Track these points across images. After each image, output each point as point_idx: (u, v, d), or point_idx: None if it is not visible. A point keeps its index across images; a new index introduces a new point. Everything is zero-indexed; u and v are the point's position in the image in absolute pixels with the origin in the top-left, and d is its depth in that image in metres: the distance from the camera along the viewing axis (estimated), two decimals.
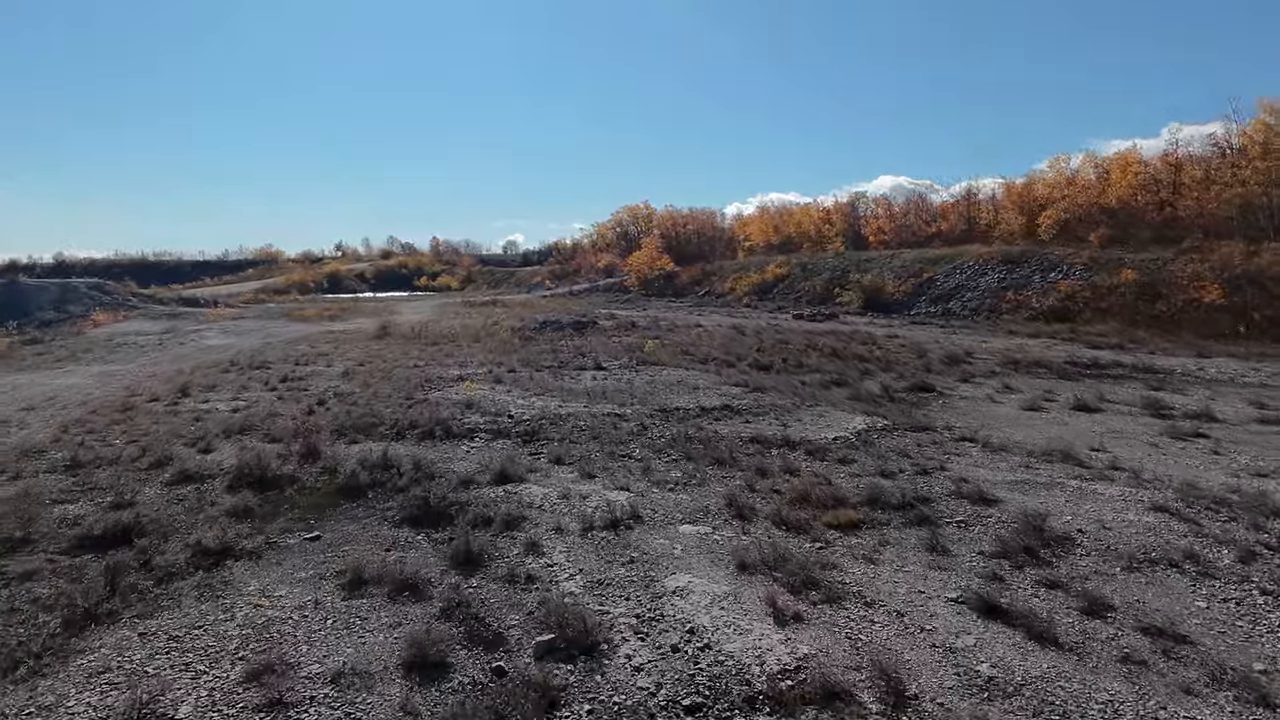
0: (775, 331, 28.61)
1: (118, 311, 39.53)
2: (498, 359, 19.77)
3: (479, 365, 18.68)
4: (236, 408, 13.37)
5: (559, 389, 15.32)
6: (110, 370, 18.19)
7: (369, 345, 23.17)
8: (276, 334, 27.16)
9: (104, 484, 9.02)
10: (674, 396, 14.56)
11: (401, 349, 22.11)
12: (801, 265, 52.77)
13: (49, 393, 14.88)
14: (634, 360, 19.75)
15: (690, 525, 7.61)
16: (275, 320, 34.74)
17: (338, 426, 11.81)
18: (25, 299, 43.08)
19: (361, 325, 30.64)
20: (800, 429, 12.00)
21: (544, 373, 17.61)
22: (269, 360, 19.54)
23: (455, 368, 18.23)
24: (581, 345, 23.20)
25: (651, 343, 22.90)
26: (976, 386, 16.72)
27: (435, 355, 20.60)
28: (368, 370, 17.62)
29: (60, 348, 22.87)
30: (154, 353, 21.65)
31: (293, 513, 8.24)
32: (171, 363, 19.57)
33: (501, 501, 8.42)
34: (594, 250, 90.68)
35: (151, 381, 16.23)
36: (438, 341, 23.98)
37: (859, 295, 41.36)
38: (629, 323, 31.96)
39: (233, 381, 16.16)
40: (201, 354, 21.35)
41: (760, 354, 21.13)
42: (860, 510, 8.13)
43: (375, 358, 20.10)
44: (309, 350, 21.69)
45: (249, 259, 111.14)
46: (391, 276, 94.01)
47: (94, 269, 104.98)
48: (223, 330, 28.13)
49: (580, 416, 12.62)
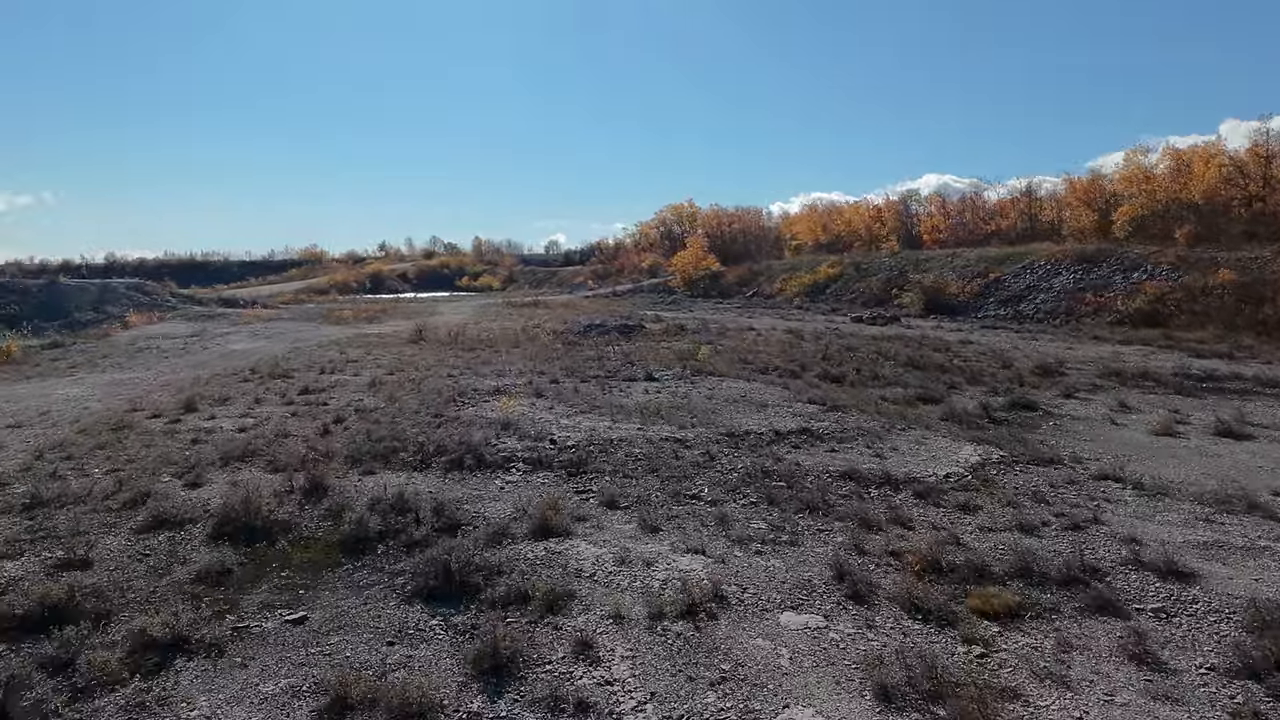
0: (836, 336, 26.48)
1: (153, 313, 38.66)
2: (539, 367, 18.02)
3: (518, 375, 16.95)
4: (244, 426, 11.75)
5: (607, 405, 13.48)
6: (121, 379, 16.78)
7: (402, 351, 21.59)
8: (307, 338, 25.75)
9: (61, 530, 7.37)
10: (740, 415, 12.63)
11: (436, 355, 20.48)
12: (855, 265, 50.37)
13: (44, 406, 13.43)
14: (688, 369, 17.86)
15: (794, 614, 5.67)
16: (310, 322, 33.45)
17: (353, 452, 10.09)
18: (64, 300, 42.52)
19: (398, 328, 29.16)
20: (899, 461, 10.00)
21: (590, 384, 15.80)
22: (293, 368, 18.01)
23: (492, 378, 16.51)
24: (629, 351, 21.36)
25: (705, 349, 20.99)
26: (1085, 403, 14.52)
27: (471, 363, 18.92)
28: (396, 380, 15.97)
29: (80, 352, 21.65)
30: (174, 359, 20.28)
31: (280, 576, 6.50)
32: (189, 370, 18.14)
33: (542, 566, 6.59)
34: (637, 250, 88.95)
35: (159, 393, 14.73)
36: (475, 347, 22.33)
37: (919, 297, 38.93)
38: (677, 326, 30.05)
39: (248, 393, 14.59)
40: (223, 360, 19.93)
41: (827, 363, 19.09)
42: (1013, 587, 6.15)
43: (407, 365, 18.48)
44: (338, 357, 20.15)
45: (294, 259, 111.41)
46: (434, 276, 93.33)
47: (144, 269, 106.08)
48: (253, 334, 26.80)
49: (634, 441, 10.74)
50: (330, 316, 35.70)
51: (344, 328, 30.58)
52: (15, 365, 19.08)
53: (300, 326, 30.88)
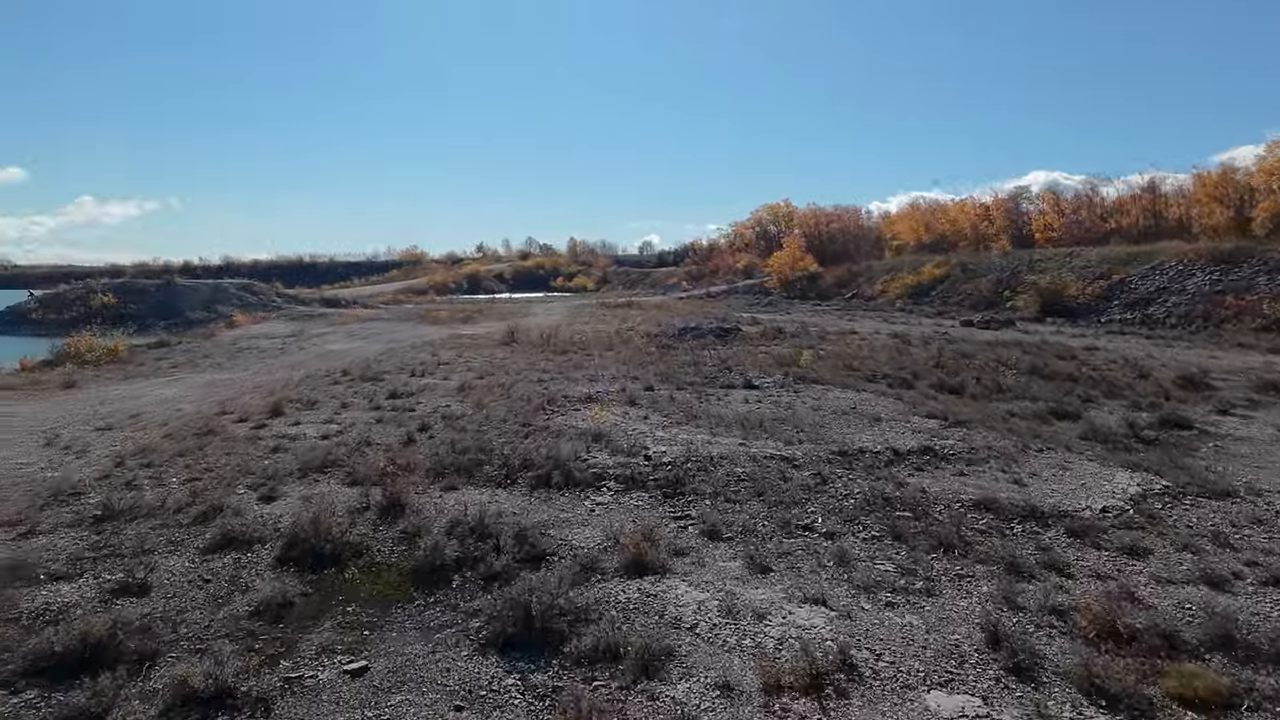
0: (946, 341, 24.80)
1: (258, 313, 39.77)
2: (633, 372, 17.22)
3: (611, 380, 16.19)
4: (327, 433, 11.31)
5: (705, 415, 12.54)
6: (217, 380, 16.80)
7: (494, 353, 21.15)
8: (402, 339, 25.69)
9: (126, 548, 6.92)
10: (852, 430, 11.50)
11: (527, 359, 19.94)
12: (962, 266, 47.89)
13: (137, 408, 13.37)
14: (790, 376, 16.75)
15: (944, 693, 4.60)
16: (406, 323, 33.64)
17: (436, 464, 9.46)
18: (178, 300, 44.24)
19: (491, 329, 28.92)
20: (1043, 489, 8.73)
21: (686, 391, 14.89)
22: (384, 370, 17.73)
23: (584, 383, 15.79)
24: (726, 356, 20.36)
25: (807, 354, 19.81)
26: (1246, 421, 12.79)
27: (563, 366, 18.28)
28: (486, 385, 15.41)
29: (183, 352, 22.03)
30: (272, 359, 20.37)
31: (345, 611, 5.83)
32: (283, 371, 18.08)
33: (636, 611, 5.71)
34: (731, 250, 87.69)
35: (251, 396, 14.55)
36: (567, 350, 21.72)
37: (1035, 299, 36.49)
38: (775, 329, 28.86)
39: (336, 397, 14.26)
40: (318, 361, 19.88)
41: (942, 371, 17.66)
42: (1216, 663, 4.95)
43: (498, 369, 17.97)
44: (429, 359, 19.83)
45: (395, 260, 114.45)
46: (529, 277, 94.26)
47: (256, 270, 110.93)
48: (349, 334, 26.95)
49: (736, 459, 9.77)
50: (426, 317, 35.90)
51: (439, 328, 30.56)
52: (120, 364, 19.46)
53: (396, 327, 31.01)
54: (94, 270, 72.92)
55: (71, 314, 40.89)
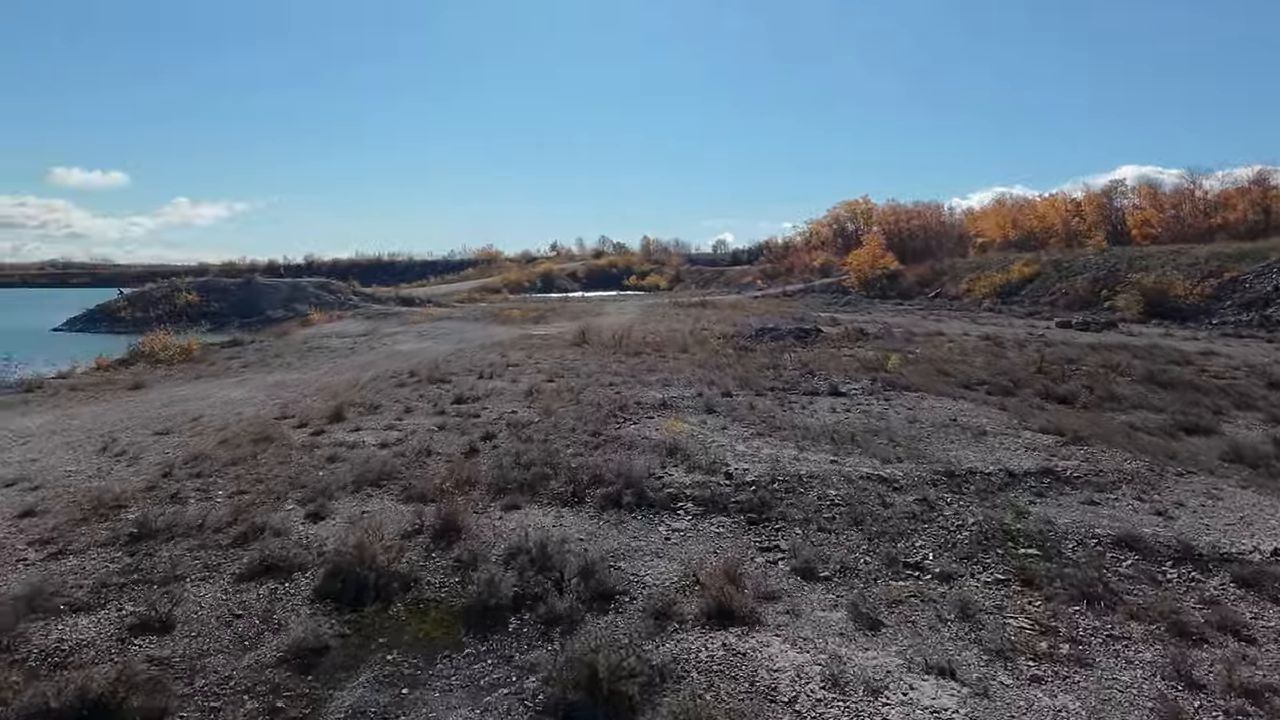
0: (1044, 344, 23.12)
1: (333, 311, 40.09)
2: (709, 376, 16.27)
3: (685, 385, 15.28)
4: (387, 441, 10.67)
5: (790, 426, 11.52)
6: (285, 381, 16.47)
7: (564, 355, 20.45)
8: (472, 338, 25.25)
9: (157, 574, 6.30)
10: (955, 446, 10.33)
11: (599, 360, 19.17)
12: (1054, 264, 45.44)
13: (199, 410, 13.01)
14: (878, 382, 15.56)
15: None
16: (478, 322, 33.32)
17: (498, 479, 8.71)
18: (258, 298, 45.07)
19: (562, 329, 28.31)
20: (1194, 523, 7.46)
21: (767, 398, 13.88)
22: (452, 372, 17.16)
23: (657, 387, 14.92)
24: (808, 360, 19.21)
25: (895, 358, 18.53)
26: None
27: (636, 369, 17.44)
28: (555, 389, 14.67)
29: (255, 351, 21.94)
30: (341, 359, 20.06)
31: (385, 659, 5.06)
32: (351, 372, 17.70)
33: (720, 676, 4.77)
34: (807, 249, 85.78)
35: (314, 398, 14.11)
36: (640, 351, 20.88)
37: (1137, 299, 34.13)
38: (857, 330, 27.50)
39: (400, 400, 13.69)
40: (387, 361, 19.47)
41: (1046, 378, 16.21)
42: None
43: (568, 371, 17.23)
44: (498, 360, 19.23)
45: (470, 259, 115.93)
46: (602, 276, 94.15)
47: (336, 269, 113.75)
48: (420, 334, 26.65)
49: (828, 479, 8.73)
50: (498, 316, 35.55)
51: (509, 328, 30.11)
52: (193, 363, 19.39)
53: (467, 326, 30.69)
54: (183, 269, 75.36)
55: (157, 312, 41.91)
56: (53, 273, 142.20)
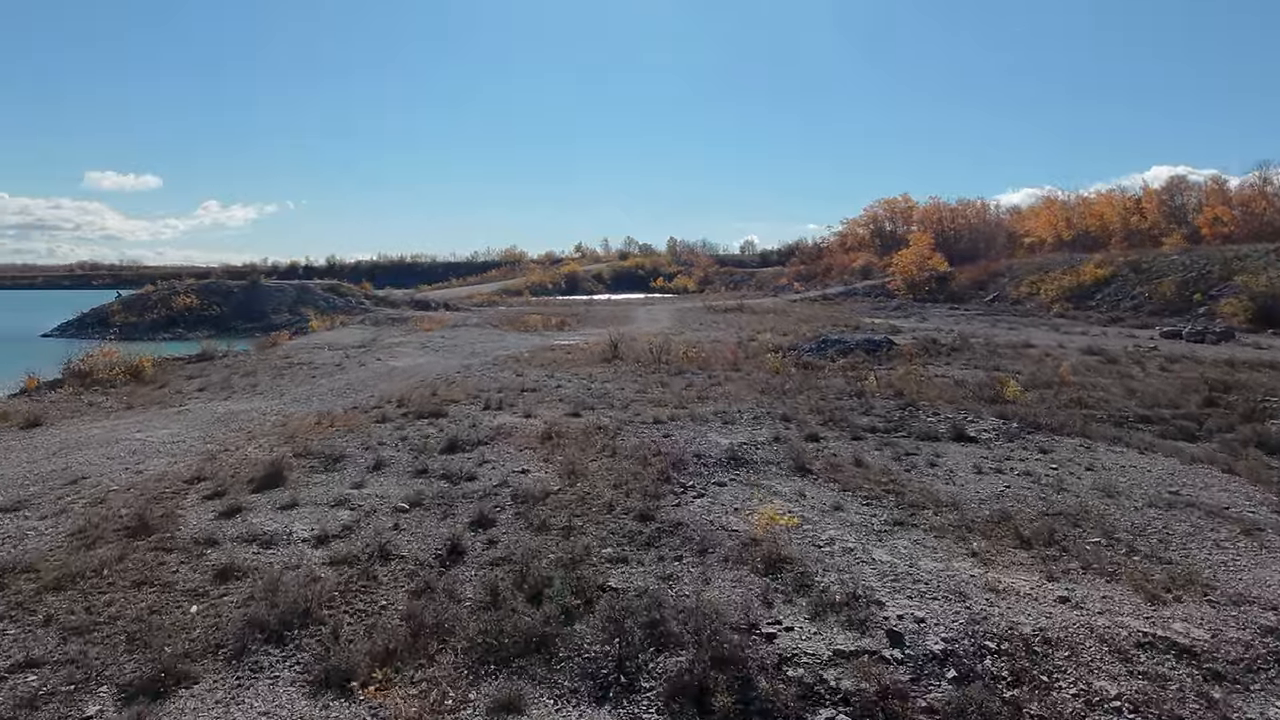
0: (1166, 360, 19.09)
1: (339, 316, 36.68)
2: (778, 406, 12.51)
3: (752, 420, 11.55)
4: (326, 532, 6.97)
5: (933, 502, 7.71)
6: (237, 412, 12.87)
7: (593, 373, 16.75)
8: (484, 351, 21.58)
9: None
10: (1225, 553, 6.47)
11: (636, 381, 15.45)
12: (1131, 265, 41.08)
13: (90, 465, 9.37)
14: (1010, 421, 11.72)
15: None
16: (494, 329, 29.70)
17: (490, 629, 5.01)
18: (262, 302, 41.82)
19: (589, 339, 24.61)
20: None
21: (869, 444, 10.11)
22: (451, 399, 13.52)
23: (717, 426, 11.19)
24: (892, 381, 15.31)
25: (1012, 383, 14.58)
26: None
27: (684, 396, 13.69)
28: (582, 429, 10.96)
29: (224, 368, 18.35)
30: (322, 380, 16.45)
31: None
32: (327, 399, 14.10)
33: None
34: (843, 249, 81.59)
35: (259, 442, 10.49)
36: (684, 369, 17.13)
37: (1245, 304, 29.78)
38: (928, 340, 23.60)
39: (374, 447, 10.05)
40: (375, 383, 15.86)
41: (1232, 413, 12.28)
42: None
43: (599, 399, 13.52)
44: (511, 381, 15.57)
45: (494, 260, 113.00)
46: (628, 277, 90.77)
47: (359, 270, 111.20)
48: (425, 345, 22.94)
49: (1076, 644, 4.89)
50: (517, 322, 31.89)
51: (529, 336, 26.47)
52: (141, 385, 15.85)
53: (481, 335, 27.05)
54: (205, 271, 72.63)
55: (153, 316, 38.92)
56: (77, 274, 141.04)
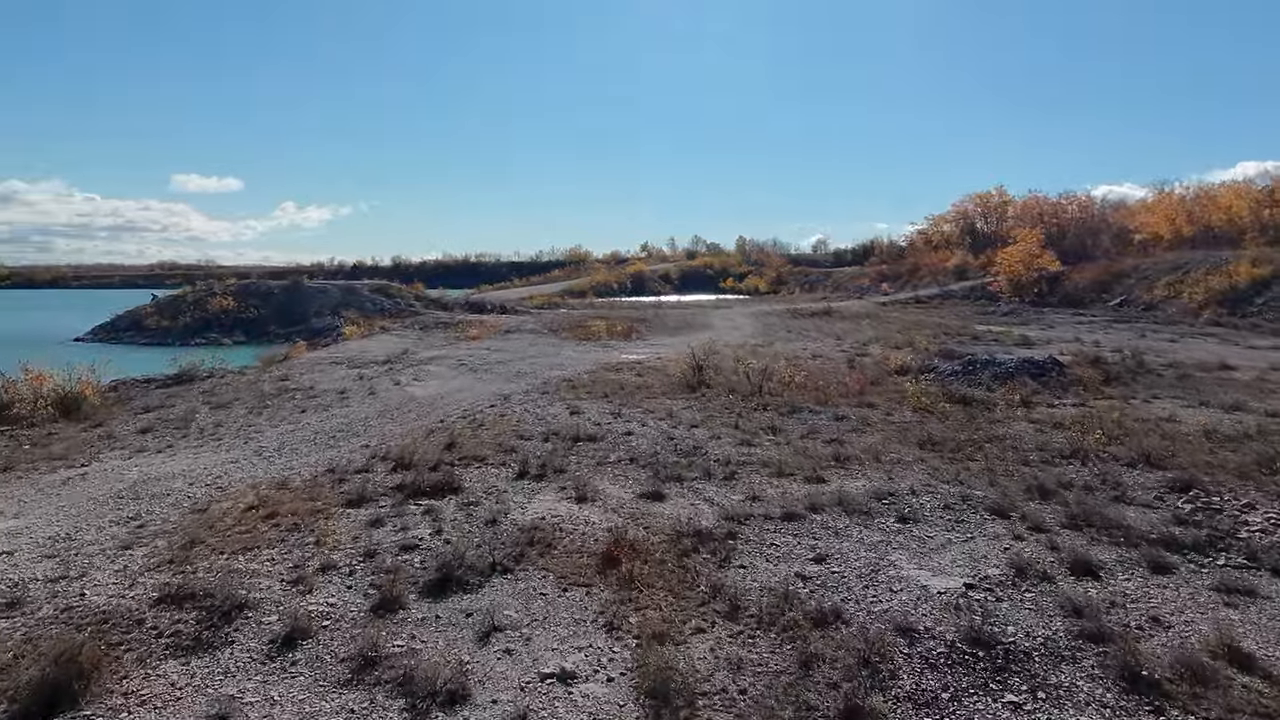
0: None
1: (381, 320, 33.05)
2: (963, 476, 7.95)
3: (939, 508, 7.07)
4: None
5: None
6: (156, 477, 8.86)
7: (673, 410, 12.35)
8: (534, 369, 17.34)
9: None
10: None
11: (735, 427, 11.02)
12: None
13: None
14: None
15: None
16: (550, 337, 25.53)
17: None
18: (303, 303, 38.61)
19: (662, 352, 20.20)
20: None
21: (1192, 582, 5.51)
22: (474, 456, 9.31)
23: (889, 526, 6.74)
24: (1109, 428, 10.52)
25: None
26: None
27: (810, 454, 9.20)
28: (670, 543, 6.56)
29: (198, 395, 14.31)
30: (311, 416, 12.34)
31: None
32: (301, 450, 10.03)
33: None
34: (929, 248, 75.61)
35: (121, 563, 6.37)
36: (795, 402, 12.60)
37: None
38: (1091, 359, 18.54)
39: (304, 580, 5.83)
40: (376, 422, 11.73)
41: None
42: None
43: (688, 463, 9.13)
44: (564, 421, 11.31)
45: (558, 259, 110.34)
46: (695, 277, 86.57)
47: (423, 270, 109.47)
48: (460, 362, 18.74)
49: None
50: (578, 329, 27.62)
51: (589, 348, 22.19)
52: (67, 425, 12.01)
53: (534, 345, 22.85)
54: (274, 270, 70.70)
55: (186, 320, 36.01)
56: (154, 273, 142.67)
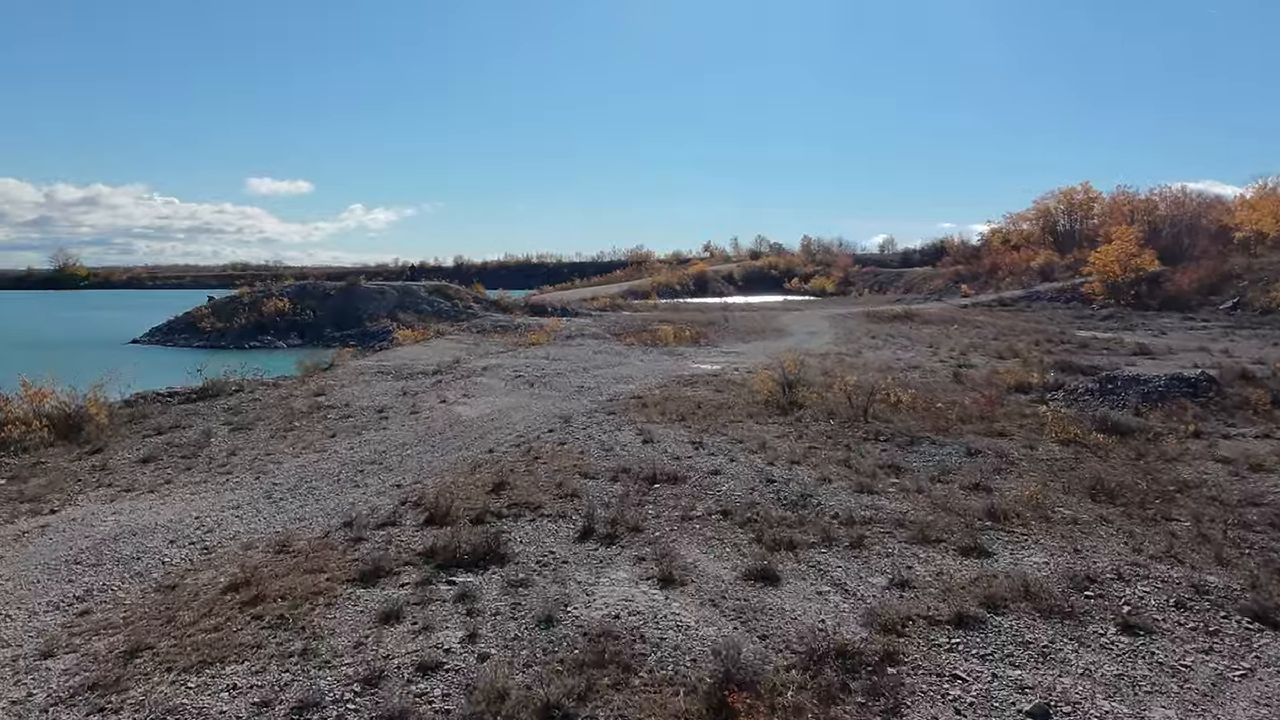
0: None
1: (436, 323, 31.55)
2: (1171, 542, 5.74)
3: (1165, 600, 4.89)
4: None
5: None
6: (135, 529, 7.21)
7: (765, 438, 10.28)
8: (596, 385, 15.40)
9: None
10: None
11: (845, 467, 8.89)
12: None
13: None
14: None
15: None
16: (615, 342, 23.64)
17: None
18: (359, 305, 37.39)
19: (739, 362, 18.11)
20: None
21: None
22: (524, 502, 7.43)
23: (1107, 630, 4.63)
24: None
25: None
26: None
27: (950, 506, 7.05)
28: (806, 694, 4.55)
29: (221, 413, 12.75)
30: (342, 442, 10.53)
31: None
32: (322, 489, 8.31)
33: None
34: (1006, 247, 71.70)
35: (108, 639, 4.62)
36: (912, 431, 10.40)
37: None
38: (1235, 373, 15.81)
39: (320, 704, 4.00)
40: (414, 452, 9.92)
41: None
42: None
43: (796, 517, 7.09)
44: (634, 453, 9.34)
45: (620, 260, 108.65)
46: (759, 277, 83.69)
47: (484, 272, 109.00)
48: (516, 374, 16.75)
49: None
50: (642, 334, 25.63)
51: (657, 356, 20.20)
52: (65, 449, 10.46)
53: (598, 353, 20.94)
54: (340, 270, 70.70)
55: (241, 322, 35.08)
56: (225, 274, 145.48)
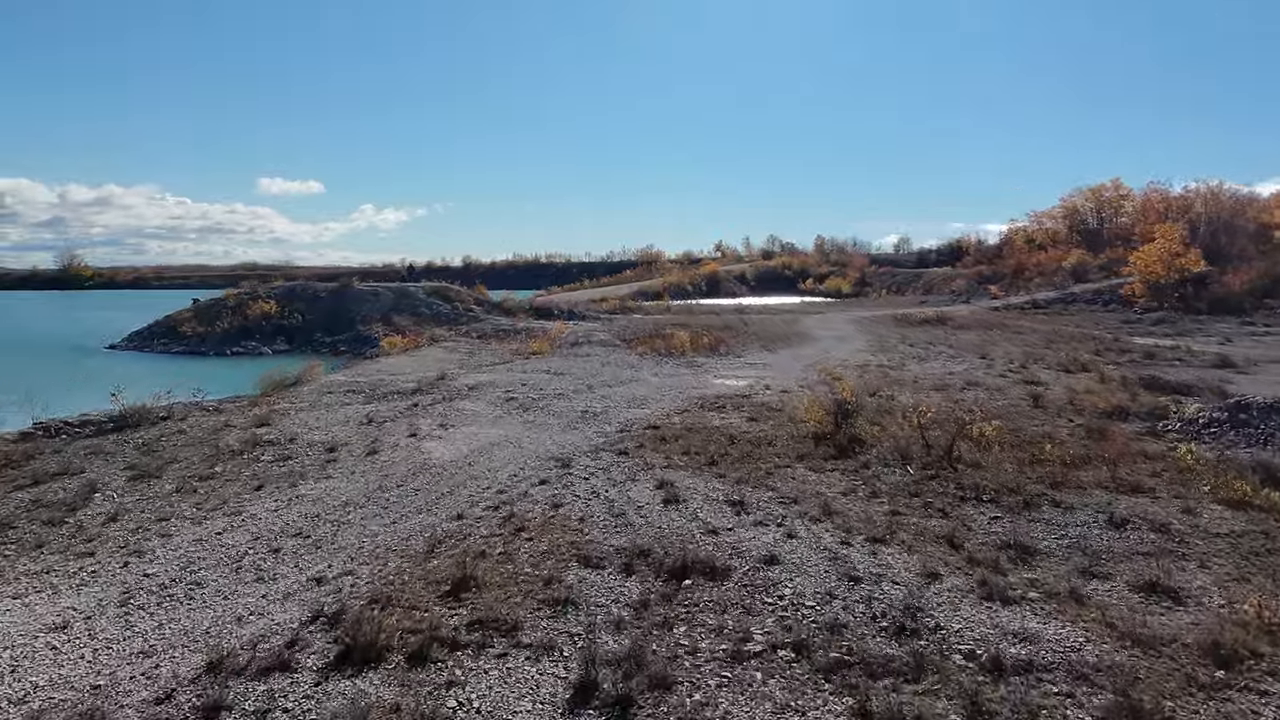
0: None
1: (432, 328, 29.10)
2: None
3: None
4: None
5: None
6: None
7: (821, 490, 7.74)
8: (604, 409, 12.85)
9: None
10: None
11: (957, 555, 6.36)
12: None
13: None
14: None
15: None
16: (625, 353, 21.08)
17: None
18: (351, 308, 34.92)
19: (769, 379, 15.53)
20: None
21: None
22: (504, 622, 5.05)
23: None
24: None
25: None
26: None
27: (1159, 647, 4.53)
28: None
29: (117, 460, 10.15)
30: (260, 506, 7.92)
31: None
32: (222, 583, 5.80)
33: None
34: (1030, 246, 68.87)
35: None
36: (1029, 493, 7.83)
37: None
38: None
39: None
40: (355, 519, 7.43)
41: None
42: None
43: (909, 674, 4.57)
44: (653, 519, 6.80)
45: (630, 260, 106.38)
46: (772, 278, 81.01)
47: (493, 272, 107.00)
48: (508, 396, 14.16)
49: None
50: (654, 340, 23.01)
51: (673, 368, 17.63)
52: None
53: (605, 365, 18.37)
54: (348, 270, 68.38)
55: (224, 326, 32.72)
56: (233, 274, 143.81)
